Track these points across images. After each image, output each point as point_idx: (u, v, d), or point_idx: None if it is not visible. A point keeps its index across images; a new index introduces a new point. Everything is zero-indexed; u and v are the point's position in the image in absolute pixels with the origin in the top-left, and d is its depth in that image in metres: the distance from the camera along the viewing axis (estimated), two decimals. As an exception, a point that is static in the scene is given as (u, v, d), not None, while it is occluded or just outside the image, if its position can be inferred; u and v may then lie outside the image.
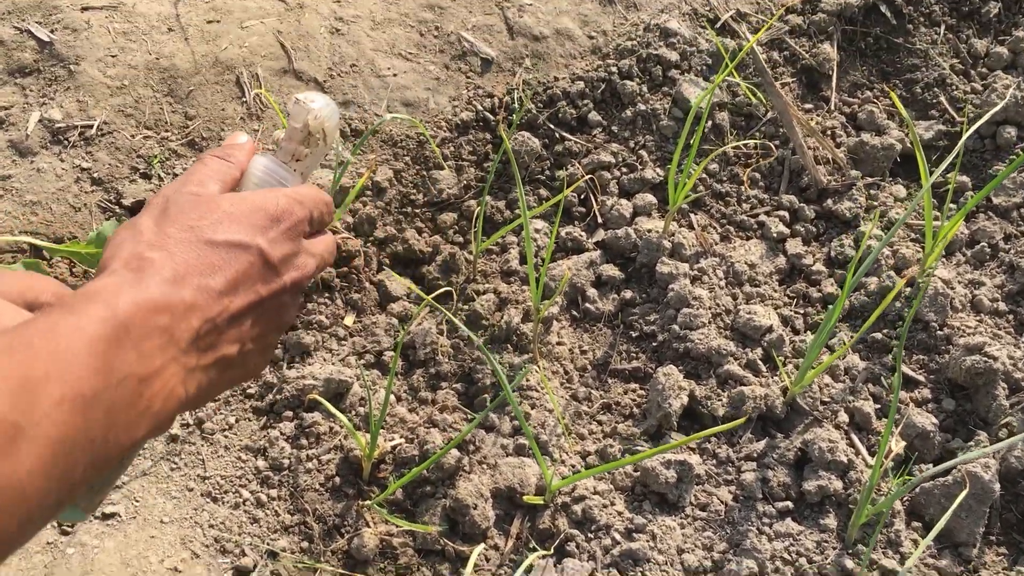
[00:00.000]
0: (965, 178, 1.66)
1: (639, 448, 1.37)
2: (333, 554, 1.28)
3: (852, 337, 1.48)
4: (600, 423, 1.43)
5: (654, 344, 1.49)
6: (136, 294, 0.64)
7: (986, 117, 1.49)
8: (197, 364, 0.68)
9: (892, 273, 1.53)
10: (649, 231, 1.56)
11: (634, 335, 1.51)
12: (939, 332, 1.47)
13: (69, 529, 1.22)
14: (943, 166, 1.37)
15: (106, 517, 1.24)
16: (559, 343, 1.50)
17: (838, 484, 1.32)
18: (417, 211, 1.59)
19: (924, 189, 1.35)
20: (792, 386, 1.38)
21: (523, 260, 1.56)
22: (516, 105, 1.65)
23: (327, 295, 1.48)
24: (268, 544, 1.26)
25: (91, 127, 1.51)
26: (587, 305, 1.53)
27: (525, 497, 1.27)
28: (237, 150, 0.84)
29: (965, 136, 1.40)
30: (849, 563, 1.27)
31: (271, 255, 0.74)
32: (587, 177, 1.60)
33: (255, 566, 1.24)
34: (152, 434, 0.65)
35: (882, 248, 1.35)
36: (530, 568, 1.24)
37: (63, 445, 0.57)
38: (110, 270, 0.68)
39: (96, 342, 0.60)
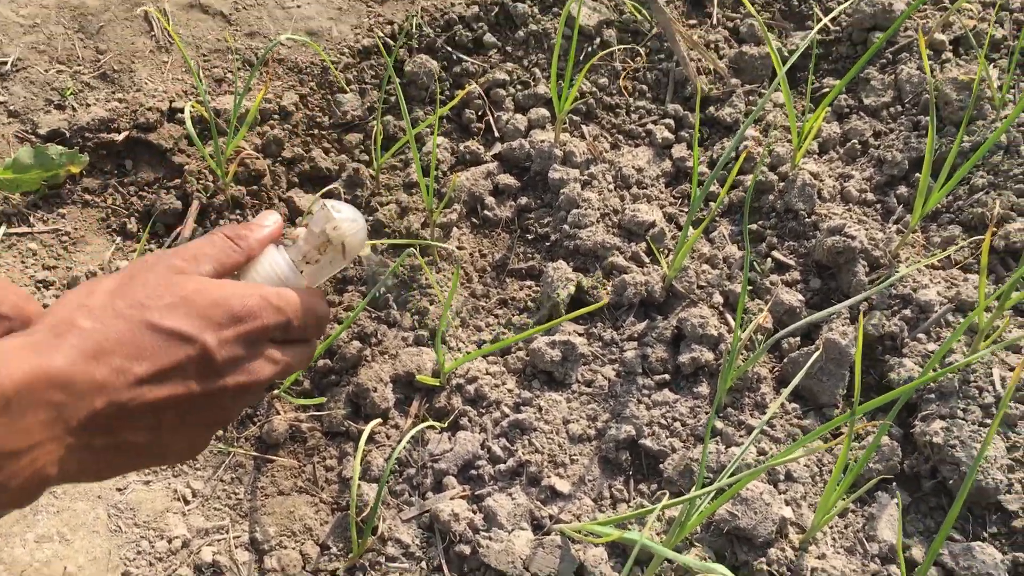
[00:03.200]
0: (835, 81, 1.78)
1: (532, 336, 1.48)
2: (247, 440, 1.39)
3: (710, 215, 1.60)
4: (496, 316, 1.54)
5: (547, 244, 1.60)
6: (39, 362, 0.61)
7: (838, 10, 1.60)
8: (87, 444, 0.65)
9: (765, 169, 1.65)
10: (542, 141, 1.67)
11: (530, 237, 1.62)
12: (807, 220, 1.59)
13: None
14: (811, 68, 1.48)
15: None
16: (459, 247, 1.60)
17: (709, 355, 1.44)
18: (323, 132, 1.69)
19: (782, 81, 1.47)
20: (669, 271, 1.50)
21: (424, 174, 1.66)
22: (415, 31, 1.75)
23: (238, 212, 1.58)
24: (185, 433, 1.37)
25: (6, 63, 1.59)
26: (486, 212, 1.64)
27: (420, 377, 1.38)
28: (254, 235, 0.81)
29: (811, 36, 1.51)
30: (719, 424, 1.40)
31: (215, 354, 0.70)
32: (475, 87, 1.70)
33: (173, 452, 1.35)
34: (4, 510, 0.62)
35: (743, 134, 1.45)
36: (418, 436, 1.35)
37: None
38: (34, 327, 0.66)
39: None
